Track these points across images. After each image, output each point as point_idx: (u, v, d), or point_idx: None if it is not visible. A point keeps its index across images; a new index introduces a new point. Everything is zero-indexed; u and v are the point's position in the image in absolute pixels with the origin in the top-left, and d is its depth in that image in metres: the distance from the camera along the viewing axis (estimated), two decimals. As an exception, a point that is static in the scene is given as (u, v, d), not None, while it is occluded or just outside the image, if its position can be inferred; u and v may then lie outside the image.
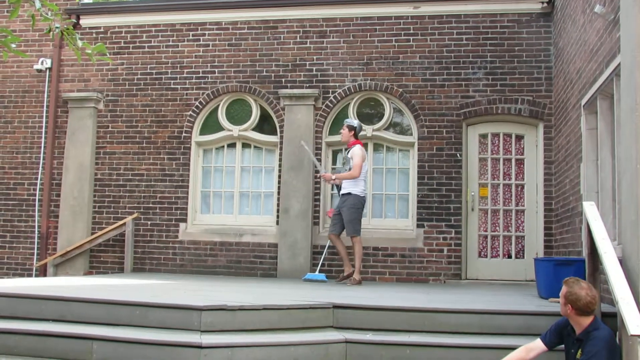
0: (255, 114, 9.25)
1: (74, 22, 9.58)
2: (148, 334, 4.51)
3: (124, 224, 9.11)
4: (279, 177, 8.97)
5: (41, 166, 9.58)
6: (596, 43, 5.97)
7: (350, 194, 7.52)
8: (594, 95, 6.04)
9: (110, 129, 9.51)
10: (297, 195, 8.75)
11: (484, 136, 8.79)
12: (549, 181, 8.34)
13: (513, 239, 8.57)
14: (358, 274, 7.52)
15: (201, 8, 9.42)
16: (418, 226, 8.53)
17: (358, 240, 7.52)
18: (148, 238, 9.22)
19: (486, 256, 8.60)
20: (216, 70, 9.30)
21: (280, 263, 8.71)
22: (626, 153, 4.64)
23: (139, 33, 9.60)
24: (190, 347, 4.26)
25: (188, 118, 9.29)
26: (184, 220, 9.18)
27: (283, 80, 9.10)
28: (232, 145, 9.39)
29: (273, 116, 9.16)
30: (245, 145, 9.38)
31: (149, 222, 9.24)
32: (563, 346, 4.13)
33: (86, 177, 9.34)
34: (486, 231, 8.64)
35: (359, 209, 7.60)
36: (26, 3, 4.72)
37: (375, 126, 8.88)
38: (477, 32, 8.71)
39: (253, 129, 9.27)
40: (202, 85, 9.31)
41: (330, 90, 8.97)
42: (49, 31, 4.72)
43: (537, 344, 4.10)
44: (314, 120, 8.92)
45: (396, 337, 4.68)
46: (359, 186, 7.60)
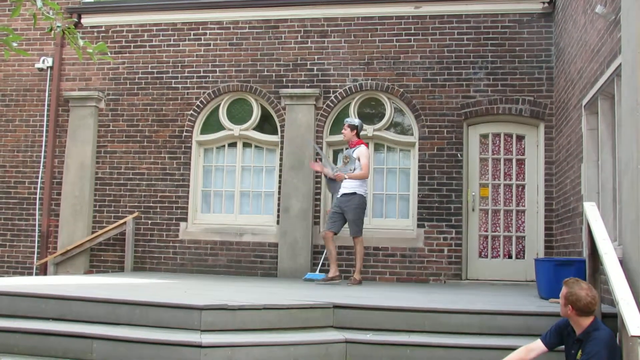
0: (256, 114, 9.25)
1: (76, 21, 9.59)
2: (148, 333, 4.52)
3: (125, 223, 9.12)
4: (280, 177, 8.97)
5: (42, 165, 9.59)
6: (597, 43, 5.97)
7: (355, 194, 7.48)
8: (595, 95, 6.04)
9: (111, 128, 9.51)
10: (298, 194, 8.76)
11: (485, 136, 8.79)
12: (550, 181, 8.34)
13: (513, 239, 8.57)
14: (359, 274, 7.52)
15: (202, 7, 9.42)
16: (419, 226, 8.53)
17: (360, 240, 7.51)
18: (148, 237, 9.23)
19: (487, 256, 8.60)
20: (217, 69, 9.31)
21: (280, 262, 8.71)
22: (627, 153, 4.63)
23: (140, 32, 9.60)
24: (190, 347, 4.26)
25: (189, 117, 9.30)
26: (185, 219, 9.19)
27: (284, 79, 9.11)
28: (233, 144, 9.39)
29: (274, 116, 9.16)
30: (246, 144, 9.38)
31: (150, 221, 9.24)
32: (563, 347, 4.13)
33: (87, 176, 9.35)
34: (487, 231, 8.63)
35: (364, 209, 7.60)
36: (28, 2, 4.72)
37: (376, 126, 8.88)
38: (478, 32, 8.71)
39: (254, 129, 9.28)
40: (203, 84, 9.32)
41: (331, 90, 8.97)
42: (51, 30, 4.72)
43: (538, 345, 4.09)
44: (315, 119, 8.92)
45: (396, 337, 4.68)
46: (364, 186, 7.60)
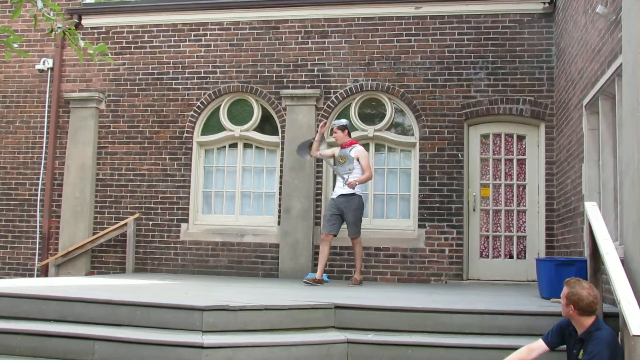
0: (256, 114, 9.25)
1: (76, 22, 9.59)
2: (149, 334, 4.52)
3: (126, 224, 9.12)
4: (281, 177, 8.97)
5: (43, 166, 9.59)
6: (598, 43, 5.97)
7: (355, 195, 7.44)
8: (596, 95, 6.04)
9: (111, 129, 9.52)
10: (299, 195, 8.75)
11: (486, 136, 8.79)
12: (551, 181, 8.34)
13: (514, 239, 8.57)
14: (359, 274, 7.52)
15: (203, 8, 9.42)
16: (419, 226, 8.53)
17: (359, 241, 7.51)
18: (149, 238, 9.23)
19: (488, 256, 8.60)
20: (218, 70, 9.31)
21: (281, 263, 8.71)
22: (628, 153, 4.63)
23: (141, 33, 9.60)
24: (191, 348, 4.26)
25: (190, 118, 9.30)
26: (186, 220, 9.19)
27: (284, 80, 9.11)
28: (234, 145, 9.39)
29: (274, 116, 9.16)
30: (246, 145, 9.38)
31: (151, 222, 9.24)
32: (564, 346, 4.13)
33: (88, 177, 9.35)
34: (488, 231, 8.63)
35: (363, 210, 7.59)
36: (28, 3, 4.73)
37: (376, 126, 8.88)
38: (479, 33, 8.71)
39: (254, 129, 9.28)
40: (204, 85, 9.32)
41: (331, 90, 8.97)
42: (51, 31, 4.72)
43: (539, 344, 4.10)
44: (316, 120, 8.91)
45: (398, 338, 4.69)
46: (362, 186, 7.59)
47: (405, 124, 8.96)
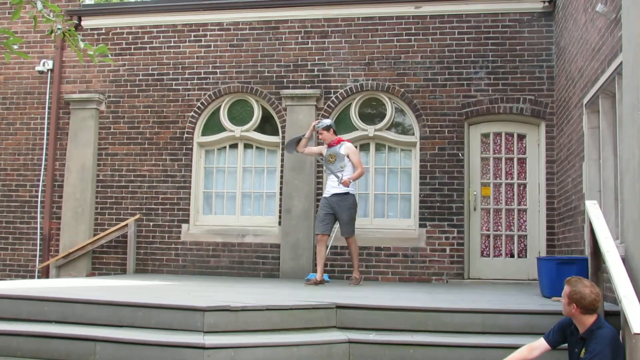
0: (257, 115, 9.25)
1: (76, 24, 9.59)
2: (151, 335, 4.52)
3: (126, 225, 9.12)
4: (281, 178, 8.97)
5: (43, 168, 9.59)
6: (598, 42, 5.97)
7: (348, 194, 7.41)
8: (596, 94, 6.04)
9: (112, 130, 9.52)
10: (299, 195, 8.76)
11: (486, 135, 8.79)
12: (551, 180, 8.33)
13: (515, 238, 8.57)
14: (358, 272, 7.52)
15: (203, 9, 9.43)
16: (420, 226, 8.53)
17: (354, 239, 7.50)
18: (150, 239, 9.23)
19: (489, 255, 8.60)
20: (218, 71, 9.31)
21: (282, 263, 8.71)
22: (628, 152, 4.63)
23: (141, 34, 9.61)
24: (193, 348, 4.26)
25: (190, 119, 9.30)
26: (186, 221, 9.19)
27: (285, 80, 9.11)
28: (234, 145, 9.39)
29: (275, 117, 9.16)
30: (247, 145, 9.38)
31: (151, 223, 9.25)
32: (566, 345, 4.12)
33: (88, 179, 9.35)
34: (488, 230, 8.63)
35: (356, 209, 7.59)
36: (28, 4, 4.73)
37: (377, 126, 8.88)
38: (479, 32, 8.71)
39: (255, 130, 9.28)
40: (204, 86, 9.32)
41: (332, 90, 8.97)
42: (51, 32, 4.73)
43: (541, 343, 4.09)
44: (316, 120, 8.90)
45: (399, 337, 4.69)
46: (354, 185, 7.58)
47: (405, 124, 8.96)
